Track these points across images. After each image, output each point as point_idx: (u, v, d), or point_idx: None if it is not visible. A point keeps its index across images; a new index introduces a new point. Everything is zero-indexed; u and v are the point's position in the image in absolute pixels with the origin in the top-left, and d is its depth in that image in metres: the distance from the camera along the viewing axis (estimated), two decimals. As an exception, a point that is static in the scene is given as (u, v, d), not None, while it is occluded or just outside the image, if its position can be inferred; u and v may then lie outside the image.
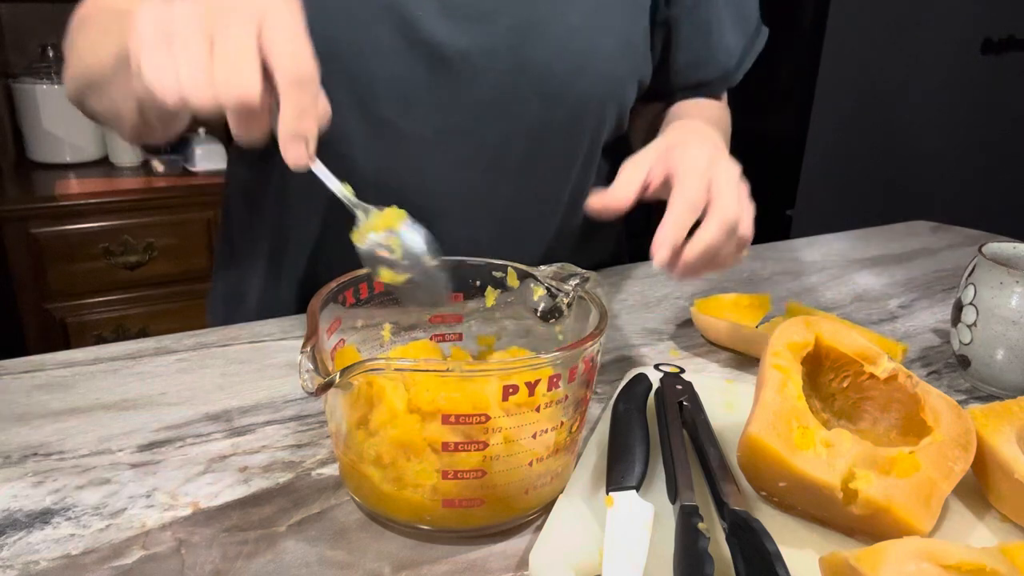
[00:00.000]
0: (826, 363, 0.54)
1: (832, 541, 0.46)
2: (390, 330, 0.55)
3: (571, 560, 0.42)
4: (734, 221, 0.54)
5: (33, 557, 0.43)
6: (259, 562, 0.43)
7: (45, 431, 0.55)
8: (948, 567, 0.36)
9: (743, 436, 0.47)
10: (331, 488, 0.50)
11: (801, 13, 2.52)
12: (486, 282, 0.56)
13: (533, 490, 0.46)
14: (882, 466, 0.46)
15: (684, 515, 0.42)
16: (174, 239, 1.87)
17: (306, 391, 0.39)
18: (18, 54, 1.94)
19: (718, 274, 0.56)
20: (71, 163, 1.98)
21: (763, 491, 0.49)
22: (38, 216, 1.73)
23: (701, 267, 0.55)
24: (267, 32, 0.43)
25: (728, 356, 0.71)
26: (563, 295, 0.54)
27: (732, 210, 0.54)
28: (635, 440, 0.50)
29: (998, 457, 0.48)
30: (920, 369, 0.71)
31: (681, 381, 0.57)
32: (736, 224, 0.54)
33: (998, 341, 0.63)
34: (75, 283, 1.80)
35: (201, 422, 0.57)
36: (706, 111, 0.83)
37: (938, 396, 0.50)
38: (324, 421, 0.57)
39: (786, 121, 2.66)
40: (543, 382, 0.42)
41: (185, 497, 0.48)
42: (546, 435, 0.44)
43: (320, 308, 0.47)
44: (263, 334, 0.71)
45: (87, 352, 0.66)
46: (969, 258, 0.68)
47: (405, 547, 0.45)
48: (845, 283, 0.92)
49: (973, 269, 0.66)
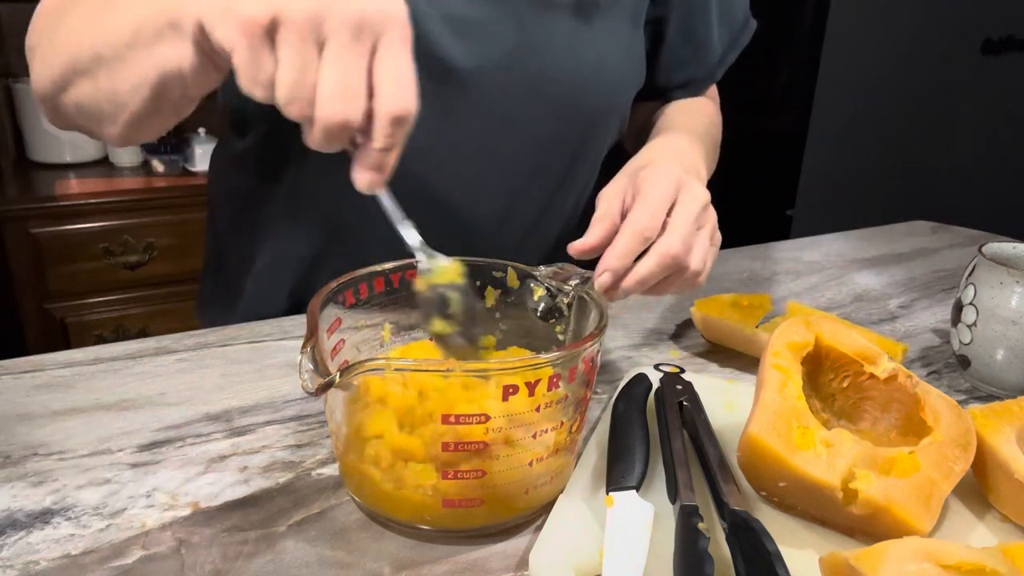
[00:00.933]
0: (826, 363, 0.54)
1: (832, 541, 0.46)
2: (390, 330, 0.55)
3: (571, 560, 0.42)
4: (676, 256, 0.53)
5: (33, 557, 0.43)
6: (259, 562, 0.43)
7: (45, 431, 0.55)
8: (948, 567, 0.36)
9: (743, 436, 0.47)
10: (331, 488, 0.50)
11: (801, 13, 2.52)
12: (486, 282, 0.56)
13: (533, 490, 0.46)
14: (882, 466, 0.46)
15: (684, 515, 0.42)
16: (174, 239, 1.87)
17: (306, 391, 0.39)
18: (18, 54, 1.94)
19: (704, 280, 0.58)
20: (71, 163, 1.98)
21: (763, 491, 0.49)
22: (38, 216, 1.73)
23: (641, 292, 0.55)
24: (381, 58, 0.41)
25: (728, 356, 0.71)
26: (563, 295, 0.54)
27: (675, 245, 0.53)
28: (635, 440, 0.50)
29: (998, 457, 0.48)
30: (920, 369, 0.71)
31: (681, 381, 0.57)
32: (678, 259, 0.54)
33: (998, 341, 0.63)
34: (75, 283, 1.80)
35: (201, 422, 0.57)
36: (694, 119, 0.82)
37: (938, 396, 0.50)
38: (324, 421, 0.57)
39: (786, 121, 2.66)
40: (543, 382, 0.42)
41: (185, 497, 0.48)
42: (546, 435, 0.44)
43: (320, 308, 0.47)
44: (263, 334, 0.71)
45: (87, 352, 0.66)
46: (969, 258, 0.68)
47: (405, 547, 0.45)
48: (845, 283, 0.92)
49: (973, 269, 0.66)
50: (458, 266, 0.50)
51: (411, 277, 0.54)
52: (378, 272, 0.53)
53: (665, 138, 0.72)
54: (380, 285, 0.53)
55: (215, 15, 0.41)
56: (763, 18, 0.88)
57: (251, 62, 0.40)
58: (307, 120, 0.41)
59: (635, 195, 0.56)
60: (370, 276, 0.52)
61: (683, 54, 0.83)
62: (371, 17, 0.40)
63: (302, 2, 0.39)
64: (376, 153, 0.43)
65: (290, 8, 0.39)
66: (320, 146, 0.43)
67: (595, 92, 0.74)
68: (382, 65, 0.41)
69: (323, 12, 0.40)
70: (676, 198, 0.56)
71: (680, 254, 0.54)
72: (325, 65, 0.40)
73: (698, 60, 0.84)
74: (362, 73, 0.41)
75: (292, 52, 0.40)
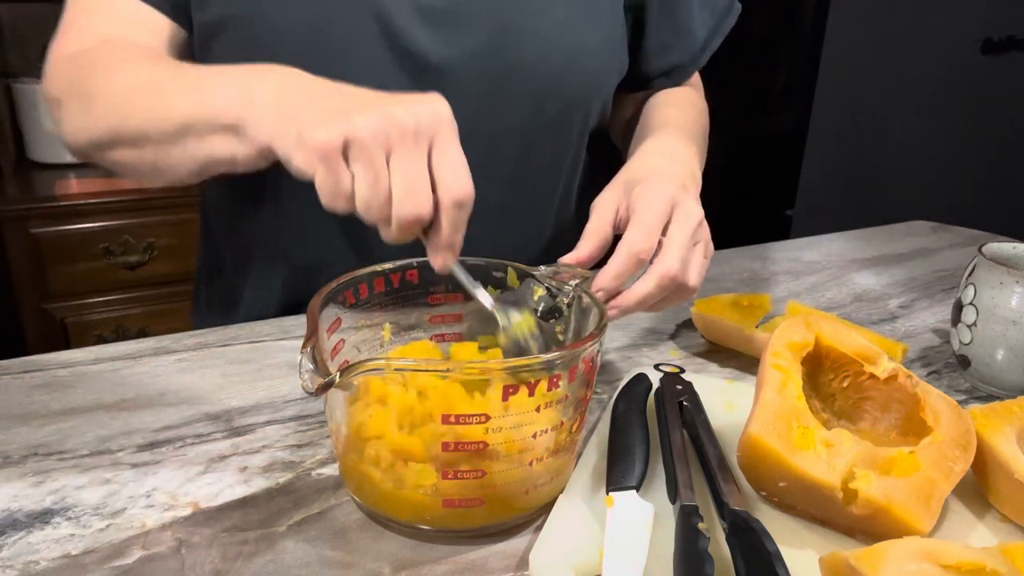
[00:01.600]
0: (826, 363, 0.54)
1: (832, 541, 0.46)
2: (390, 330, 0.55)
3: (571, 560, 0.42)
4: (674, 277, 0.55)
5: (33, 557, 0.43)
6: (259, 562, 0.43)
7: (45, 431, 0.55)
8: (948, 567, 0.36)
9: (743, 436, 0.47)
10: (331, 488, 0.50)
11: (801, 13, 2.52)
12: (486, 282, 0.56)
13: (533, 490, 0.46)
14: (882, 466, 0.46)
15: (684, 515, 0.42)
16: (174, 239, 1.87)
17: (306, 391, 0.39)
18: (18, 54, 1.94)
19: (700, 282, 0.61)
20: (71, 163, 1.97)
21: (763, 491, 0.49)
22: (38, 216, 1.73)
23: (637, 310, 0.57)
24: (437, 153, 0.47)
25: (728, 356, 0.71)
26: (563, 295, 0.54)
27: (674, 266, 0.55)
28: (635, 440, 0.50)
29: (998, 457, 0.48)
30: (920, 369, 0.71)
31: (681, 381, 0.57)
32: (676, 279, 0.55)
33: (998, 341, 0.63)
34: (75, 283, 1.80)
35: (201, 422, 0.57)
36: (683, 113, 0.82)
37: (938, 396, 0.50)
38: (324, 421, 0.57)
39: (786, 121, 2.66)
40: (543, 382, 0.42)
41: (185, 497, 0.48)
42: (546, 435, 0.44)
43: (320, 308, 0.47)
44: (263, 334, 0.71)
45: (87, 352, 0.66)
46: (969, 258, 0.68)
47: (405, 547, 0.45)
48: (845, 283, 0.92)
49: (973, 269, 0.66)
50: (530, 317, 0.54)
51: (411, 277, 0.54)
52: (378, 272, 0.53)
53: (657, 140, 0.72)
54: (380, 285, 0.53)
55: (290, 145, 0.47)
56: (763, 18, 0.88)
57: (331, 182, 0.46)
58: (384, 221, 0.47)
59: (630, 212, 0.57)
60: (370, 276, 0.52)
61: (666, 39, 0.83)
62: (424, 121, 0.46)
63: (366, 120, 0.45)
64: (449, 236, 0.48)
65: (357, 128, 0.45)
66: (395, 240, 0.48)
67: (574, 79, 0.74)
68: (440, 160, 0.47)
69: (386, 127, 0.45)
70: (671, 216, 0.57)
71: (678, 274, 0.55)
72: (395, 173, 0.46)
73: (681, 46, 0.84)
74: (425, 172, 0.46)
75: (365, 167, 0.45)
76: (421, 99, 0.48)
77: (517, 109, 0.73)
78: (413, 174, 0.46)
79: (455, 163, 0.47)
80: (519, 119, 0.73)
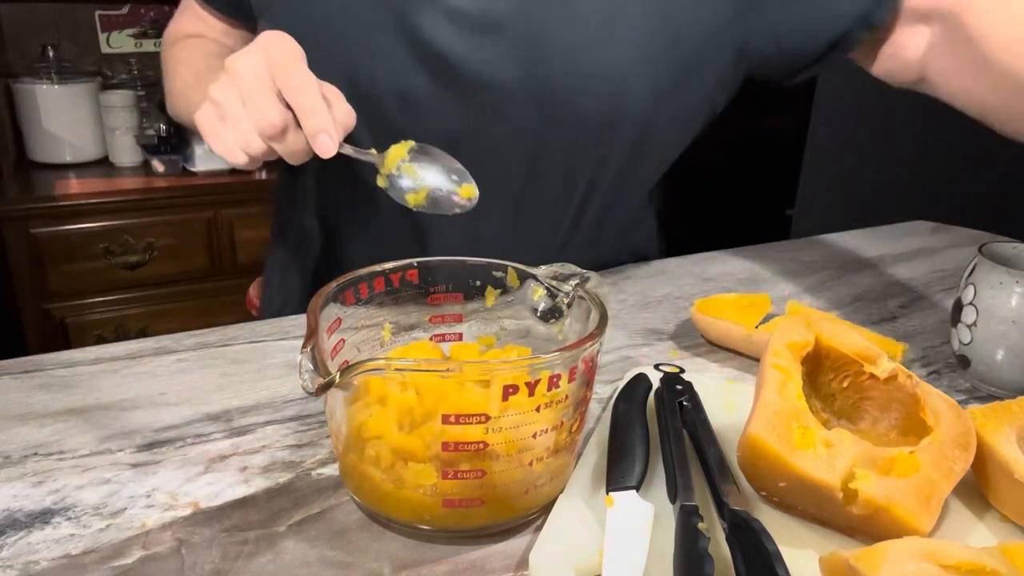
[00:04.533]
0: (826, 363, 0.54)
1: (832, 541, 0.46)
2: (390, 330, 0.55)
3: (571, 560, 0.42)
4: None
5: (33, 557, 0.43)
6: (259, 562, 0.43)
7: (45, 431, 0.55)
8: (948, 567, 0.36)
9: (743, 436, 0.47)
10: (331, 488, 0.50)
11: (801, 13, 2.52)
12: (486, 282, 0.56)
13: (533, 490, 0.46)
14: (882, 466, 0.46)
15: (684, 515, 0.42)
16: (174, 239, 1.87)
17: (306, 391, 0.39)
18: (18, 54, 1.94)
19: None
20: (71, 163, 1.98)
21: (763, 491, 0.49)
22: (38, 216, 1.73)
23: None
24: (272, 68, 0.57)
25: (728, 356, 0.71)
26: (563, 295, 0.54)
27: None
28: (635, 440, 0.50)
29: (998, 457, 0.47)
30: (920, 369, 0.71)
31: (681, 381, 0.57)
32: None
33: (998, 341, 0.63)
34: (75, 283, 1.80)
35: (201, 422, 0.57)
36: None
37: (938, 396, 0.50)
38: (324, 421, 0.57)
39: (786, 121, 2.66)
40: (543, 382, 0.42)
41: (185, 497, 0.48)
42: (546, 435, 0.44)
43: (320, 308, 0.47)
44: (263, 334, 0.71)
45: (87, 352, 0.66)
46: (969, 258, 0.68)
47: (405, 547, 0.45)
48: (845, 283, 0.92)
49: (973, 269, 0.66)
50: (400, 146, 0.63)
51: (411, 277, 0.54)
52: (378, 272, 0.53)
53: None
54: (380, 285, 0.53)
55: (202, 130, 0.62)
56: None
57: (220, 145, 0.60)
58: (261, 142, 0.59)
59: None
60: (370, 276, 0.52)
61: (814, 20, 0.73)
62: (257, 54, 0.58)
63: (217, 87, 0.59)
64: (307, 121, 0.57)
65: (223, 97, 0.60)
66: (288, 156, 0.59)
67: (585, 98, 0.72)
68: (274, 72, 0.58)
69: (235, 82, 0.59)
70: None
71: None
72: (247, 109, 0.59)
73: (835, 7, 0.72)
74: (267, 91, 0.58)
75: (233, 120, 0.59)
76: (252, 48, 0.58)
77: (527, 119, 0.72)
78: (256, 99, 0.57)
79: (286, 64, 0.57)
80: (528, 129, 0.73)
